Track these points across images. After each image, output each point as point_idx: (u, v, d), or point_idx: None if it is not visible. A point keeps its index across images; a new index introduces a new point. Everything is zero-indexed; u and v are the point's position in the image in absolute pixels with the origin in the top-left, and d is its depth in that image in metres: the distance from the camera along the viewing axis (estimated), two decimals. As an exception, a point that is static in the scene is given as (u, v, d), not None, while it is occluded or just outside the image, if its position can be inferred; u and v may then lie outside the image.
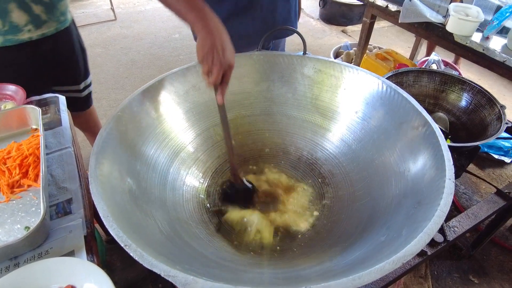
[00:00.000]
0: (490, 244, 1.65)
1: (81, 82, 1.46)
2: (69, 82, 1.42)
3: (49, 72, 1.30)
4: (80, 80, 1.45)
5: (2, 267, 0.67)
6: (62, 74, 1.37)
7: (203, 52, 0.75)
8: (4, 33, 1.10)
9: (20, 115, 0.97)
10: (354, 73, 0.96)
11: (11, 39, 1.12)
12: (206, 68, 0.77)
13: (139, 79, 2.87)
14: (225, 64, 0.76)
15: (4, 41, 1.12)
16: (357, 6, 3.72)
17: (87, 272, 0.64)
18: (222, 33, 0.76)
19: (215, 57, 0.74)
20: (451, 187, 0.60)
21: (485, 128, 1.24)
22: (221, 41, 0.75)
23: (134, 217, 0.66)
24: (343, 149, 0.98)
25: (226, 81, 0.79)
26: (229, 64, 0.77)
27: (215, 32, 0.75)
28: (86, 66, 1.48)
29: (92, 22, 3.78)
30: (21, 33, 1.13)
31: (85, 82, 1.49)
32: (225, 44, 0.75)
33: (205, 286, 0.47)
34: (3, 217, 0.76)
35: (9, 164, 0.83)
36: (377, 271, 0.48)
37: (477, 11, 1.54)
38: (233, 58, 0.78)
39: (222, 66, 0.76)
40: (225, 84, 0.80)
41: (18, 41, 1.14)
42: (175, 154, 0.93)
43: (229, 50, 0.76)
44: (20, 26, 1.12)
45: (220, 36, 0.75)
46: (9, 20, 1.09)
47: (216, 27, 0.75)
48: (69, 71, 1.39)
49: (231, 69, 0.79)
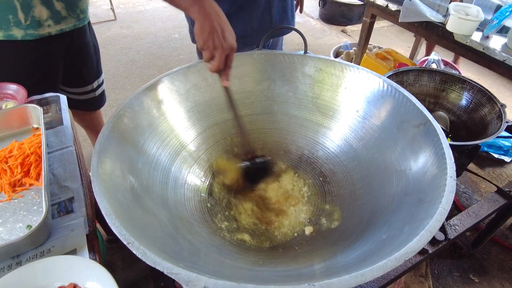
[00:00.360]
0: (490, 243, 1.65)
1: (94, 81, 1.50)
2: (83, 83, 1.46)
3: (63, 70, 1.33)
4: (93, 79, 1.49)
5: (4, 266, 0.67)
6: (76, 72, 1.40)
7: (203, 37, 0.74)
8: (26, 27, 1.13)
9: (22, 114, 0.97)
10: (355, 72, 0.96)
11: (31, 34, 1.15)
12: (208, 54, 0.76)
13: (139, 79, 2.87)
14: (227, 47, 0.75)
15: (24, 35, 1.14)
16: (357, 6, 3.73)
17: (89, 270, 0.64)
18: (219, 14, 0.74)
19: (216, 41, 0.73)
20: (453, 184, 0.61)
21: (485, 127, 1.24)
22: (220, 23, 0.73)
23: (136, 215, 0.66)
24: (344, 148, 0.98)
25: (229, 65, 0.78)
26: (231, 47, 0.76)
27: (212, 14, 0.73)
28: (99, 65, 1.52)
29: (92, 22, 3.75)
30: (42, 27, 1.16)
31: (98, 81, 1.53)
32: (225, 26, 0.74)
33: (208, 284, 0.47)
34: (5, 215, 0.76)
35: (11, 163, 0.84)
36: (379, 268, 0.48)
37: (477, 11, 1.55)
38: (234, 39, 0.76)
39: (224, 50, 0.75)
40: (229, 68, 0.79)
41: (38, 36, 1.17)
42: (176, 153, 0.93)
43: (229, 31, 0.75)
44: (41, 21, 1.15)
45: (217, 18, 0.74)
46: (32, 14, 1.12)
47: (212, 8, 0.74)
48: (83, 69, 1.42)
49: (233, 51, 0.77)
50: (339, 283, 0.46)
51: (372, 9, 2.14)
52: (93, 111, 1.63)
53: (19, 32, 1.13)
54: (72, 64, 1.36)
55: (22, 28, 1.13)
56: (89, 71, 1.46)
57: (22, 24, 1.12)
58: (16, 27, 1.12)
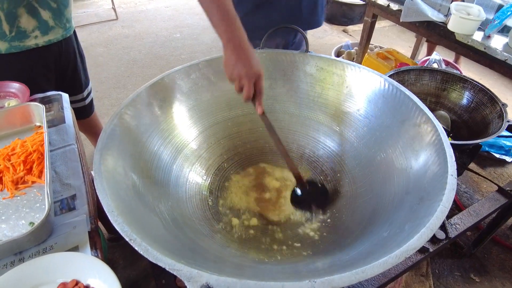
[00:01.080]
0: (491, 243, 1.65)
1: (84, 90, 1.48)
2: (74, 92, 1.43)
3: (54, 81, 1.29)
4: (83, 88, 1.47)
5: (7, 262, 0.67)
6: (67, 83, 1.36)
7: (229, 69, 0.77)
8: (10, 39, 1.08)
9: (24, 112, 0.97)
10: (356, 71, 0.97)
11: (17, 46, 1.10)
12: (237, 84, 0.78)
13: (140, 78, 2.88)
14: (253, 75, 0.77)
15: (9, 47, 1.09)
16: (358, 5, 3.73)
17: (91, 267, 0.65)
18: (246, 47, 0.76)
19: (241, 71, 0.76)
20: (453, 183, 0.61)
21: (486, 126, 1.24)
22: (246, 54, 0.76)
23: (138, 213, 0.66)
24: (345, 147, 0.98)
25: (259, 91, 0.80)
26: (258, 74, 0.78)
27: (240, 46, 0.76)
28: (86, 73, 1.49)
29: (94, 21, 3.79)
30: (28, 39, 1.11)
31: (87, 89, 1.51)
32: (250, 56, 0.76)
33: (210, 280, 0.47)
34: (7, 213, 0.76)
35: (14, 161, 0.84)
36: (380, 265, 0.48)
37: (479, 10, 1.55)
38: (260, 67, 0.78)
39: (250, 78, 0.77)
40: (259, 94, 0.80)
41: (24, 48, 1.11)
42: (178, 151, 0.93)
43: (254, 60, 0.77)
44: (27, 31, 1.10)
45: (245, 50, 0.76)
46: (17, 25, 1.07)
47: (241, 41, 0.76)
48: (73, 80, 1.39)
49: (260, 78, 0.79)
50: (340, 279, 0.46)
51: (373, 9, 2.14)
52: (85, 119, 1.58)
53: (3, 45, 1.08)
54: (62, 75, 1.32)
55: (7, 41, 1.07)
56: (79, 81, 1.42)
57: (6, 36, 1.06)
58: (0, 40, 1.07)
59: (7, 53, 1.10)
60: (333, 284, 0.45)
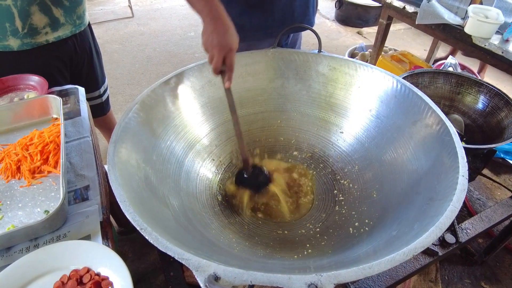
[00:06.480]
0: (503, 251, 1.61)
1: (101, 86, 1.50)
2: (91, 89, 1.45)
3: (70, 77, 1.31)
4: (100, 84, 1.49)
5: (23, 248, 0.69)
6: (84, 79, 1.39)
7: (205, 37, 0.78)
8: (22, 36, 1.10)
9: (42, 104, 1.00)
10: (368, 71, 0.96)
11: (28, 43, 1.12)
12: (209, 54, 0.79)
13: (154, 75, 2.92)
14: (225, 47, 0.77)
15: (21, 44, 1.11)
16: (373, 8, 3.70)
17: (103, 256, 0.66)
18: (224, 20, 0.78)
19: (214, 40, 0.76)
20: (464, 183, 0.60)
21: (501, 131, 1.22)
22: (223, 25, 0.77)
23: (149, 204, 0.67)
24: (356, 147, 0.98)
25: (228, 66, 0.80)
26: (230, 47, 0.78)
27: (217, 18, 0.77)
28: (102, 70, 1.51)
29: (110, 19, 3.86)
30: (39, 35, 1.13)
31: (104, 86, 1.53)
32: (226, 28, 0.77)
33: (218, 270, 0.48)
34: (24, 200, 0.79)
35: (31, 151, 0.87)
36: (387, 261, 0.48)
37: (497, 13, 1.52)
38: (234, 41, 0.79)
39: (222, 49, 0.77)
40: (229, 70, 0.81)
41: (36, 44, 1.14)
42: (190, 146, 0.94)
43: (230, 33, 0.78)
44: (39, 28, 1.12)
45: (222, 22, 0.77)
46: (29, 22, 1.09)
47: (219, 14, 0.77)
48: (89, 76, 1.41)
49: (231, 52, 0.79)
50: (347, 274, 0.46)
51: (388, 11, 2.12)
52: (102, 116, 1.61)
53: (16, 42, 1.10)
54: (78, 71, 1.34)
55: (19, 38, 1.09)
56: (95, 77, 1.44)
57: (19, 32, 1.08)
58: (12, 36, 1.08)
59: (20, 50, 1.12)
60: (339, 278, 0.46)
